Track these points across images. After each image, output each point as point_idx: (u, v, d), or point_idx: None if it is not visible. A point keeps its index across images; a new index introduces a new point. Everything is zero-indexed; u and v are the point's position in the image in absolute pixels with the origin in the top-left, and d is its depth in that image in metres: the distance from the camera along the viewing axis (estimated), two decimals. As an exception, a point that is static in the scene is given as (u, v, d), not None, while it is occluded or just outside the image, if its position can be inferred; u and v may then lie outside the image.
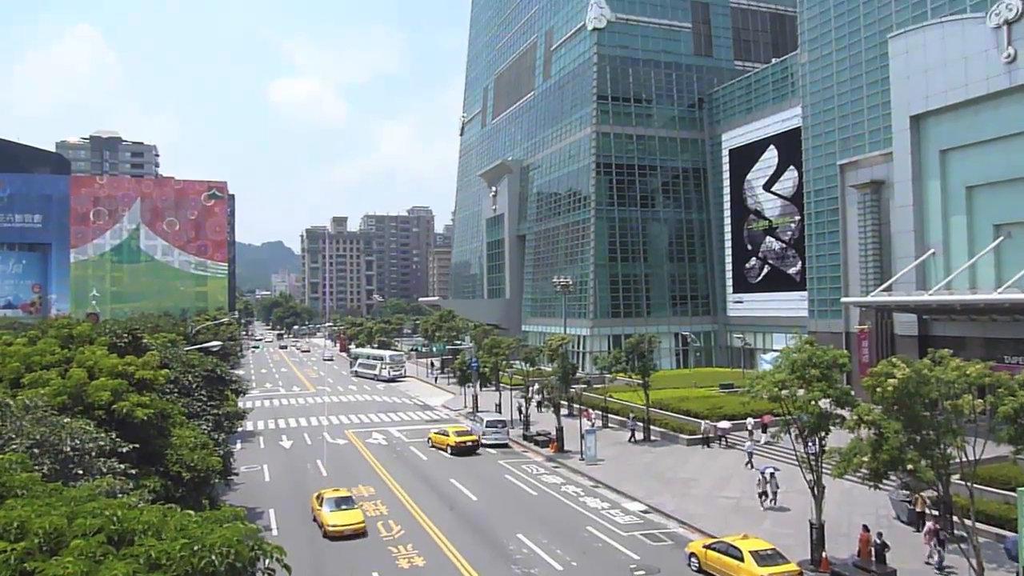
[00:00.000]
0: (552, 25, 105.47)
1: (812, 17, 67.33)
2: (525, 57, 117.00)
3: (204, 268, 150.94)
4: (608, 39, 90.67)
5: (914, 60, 52.87)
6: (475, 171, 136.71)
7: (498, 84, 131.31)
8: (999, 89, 46.91)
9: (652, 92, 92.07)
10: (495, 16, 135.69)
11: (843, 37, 63.65)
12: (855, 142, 62.19)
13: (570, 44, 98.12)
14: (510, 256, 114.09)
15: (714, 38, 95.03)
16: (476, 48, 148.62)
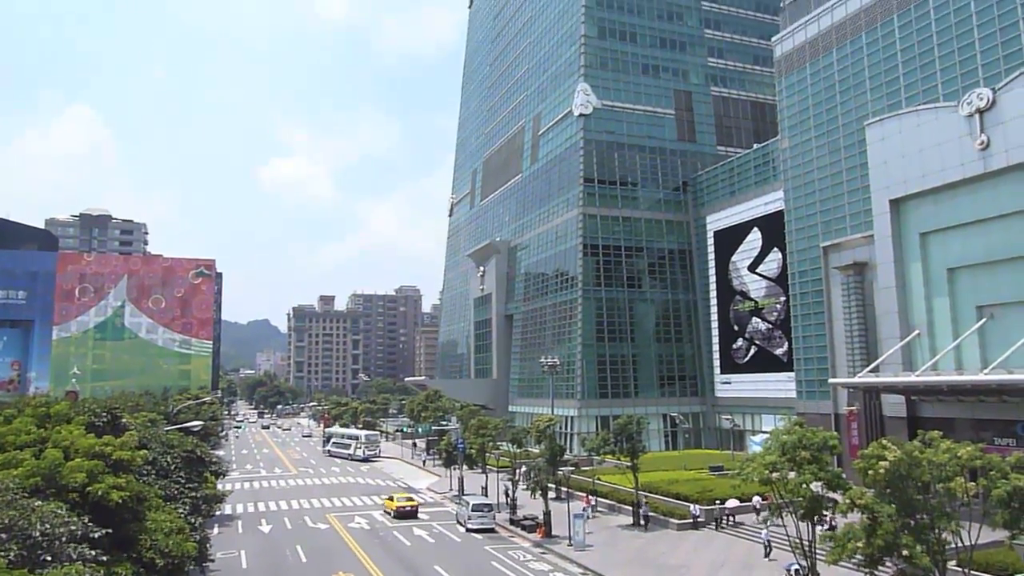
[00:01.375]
0: (540, 111, 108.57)
1: (791, 105, 69.72)
2: (513, 141, 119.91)
3: (188, 346, 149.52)
4: (594, 124, 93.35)
5: (891, 146, 54.55)
6: (463, 251, 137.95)
7: (487, 167, 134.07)
8: (974, 174, 48.31)
9: (638, 175, 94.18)
10: (484, 101, 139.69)
11: (821, 124, 65.78)
12: (837, 225, 63.43)
13: (557, 129, 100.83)
14: (497, 336, 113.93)
15: (697, 124, 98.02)
16: (465, 132, 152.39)
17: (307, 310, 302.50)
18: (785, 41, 70.93)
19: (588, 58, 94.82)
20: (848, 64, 62.85)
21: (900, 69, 57.51)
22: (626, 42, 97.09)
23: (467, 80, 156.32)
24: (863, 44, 61.35)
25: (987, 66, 50.37)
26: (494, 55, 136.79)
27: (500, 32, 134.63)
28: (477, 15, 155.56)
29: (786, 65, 70.65)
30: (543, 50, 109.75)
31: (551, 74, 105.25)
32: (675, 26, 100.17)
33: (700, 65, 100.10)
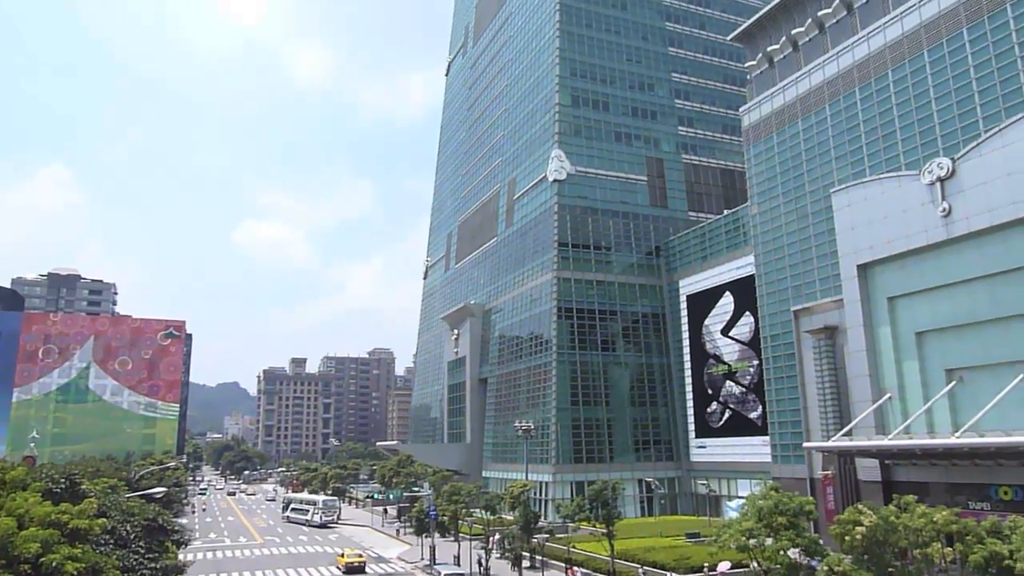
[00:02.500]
0: (515, 176, 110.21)
1: (759, 172, 71.49)
2: (489, 205, 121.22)
3: (154, 409, 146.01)
4: (568, 190, 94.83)
5: (857, 213, 55.94)
6: (438, 314, 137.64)
7: (462, 230, 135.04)
8: (938, 240, 49.57)
9: (611, 240, 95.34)
10: (460, 166, 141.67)
11: (789, 191, 67.39)
12: (807, 289, 64.40)
13: (532, 194, 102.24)
14: (471, 399, 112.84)
15: (669, 190, 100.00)
16: (441, 195, 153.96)
17: (278, 373, 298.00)
18: (752, 112, 73.19)
19: (562, 125, 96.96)
20: (813, 134, 64.87)
21: (863, 139, 59.44)
22: (599, 111, 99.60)
23: (443, 145, 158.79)
24: (827, 115, 63.47)
25: (946, 136, 52.24)
26: (470, 121, 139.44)
27: (476, 99, 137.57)
28: (454, 83, 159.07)
29: (754, 134, 72.74)
30: (518, 117, 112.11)
31: (526, 140, 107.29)
32: (646, 96, 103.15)
33: (671, 133, 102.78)
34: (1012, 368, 46.21)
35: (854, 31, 62.23)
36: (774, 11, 71.86)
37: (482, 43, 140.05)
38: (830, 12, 64.76)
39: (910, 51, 56.22)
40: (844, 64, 62.30)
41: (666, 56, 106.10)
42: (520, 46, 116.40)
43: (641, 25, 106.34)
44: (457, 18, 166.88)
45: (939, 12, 54.18)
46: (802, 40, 68.20)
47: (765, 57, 72.82)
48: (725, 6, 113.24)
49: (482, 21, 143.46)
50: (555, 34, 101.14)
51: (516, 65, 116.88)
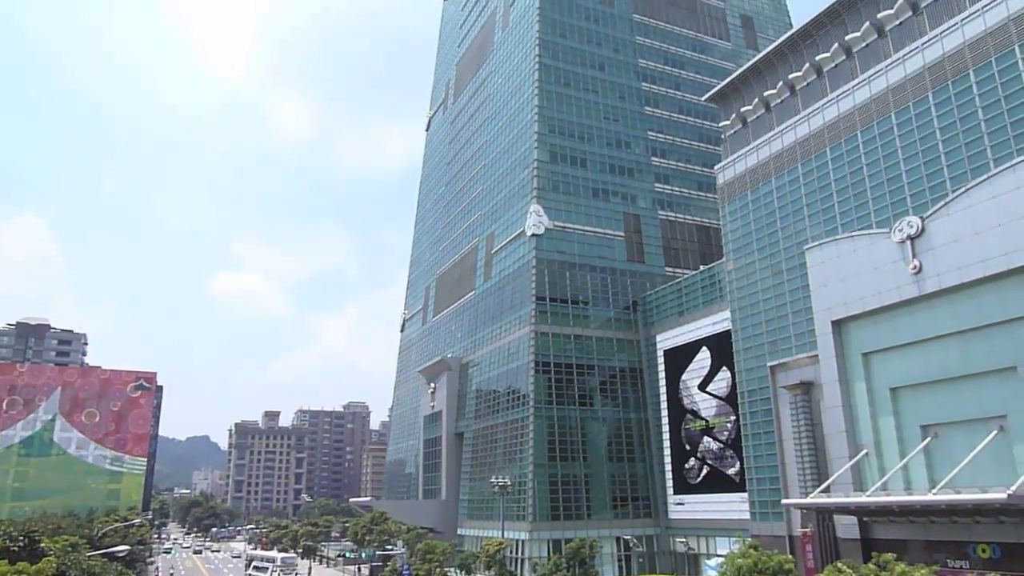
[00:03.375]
0: (493, 230, 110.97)
1: (734, 229, 72.59)
2: (467, 258, 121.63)
3: (120, 463, 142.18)
4: (546, 244, 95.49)
5: (830, 269, 56.81)
6: (414, 367, 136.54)
7: (440, 283, 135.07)
8: (910, 297, 50.35)
9: (589, 294, 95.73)
10: (439, 219, 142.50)
11: (764, 247, 68.40)
12: (783, 344, 64.85)
13: (510, 248, 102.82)
14: (447, 455, 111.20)
15: (646, 246, 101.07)
16: (420, 249, 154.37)
17: (250, 426, 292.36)
18: (727, 170, 74.73)
19: (541, 181, 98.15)
20: (787, 192, 66.23)
21: (835, 197, 60.75)
22: (577, 167, 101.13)
23: (422, 199, 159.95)
24: (799, 174, 64.93)
25: (915, 195, 53.58)
26: (449, 175, 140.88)
27: (456, 154, 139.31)
28: (434, 138, 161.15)
29: (728, 192, 74.11)
30: (497, 172, 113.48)
31: (505, 195, 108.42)
32: (623, 153, 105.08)
33: (648, 190, 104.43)
34: (985, 424, 46.57)
35: (824, 94, 64.20)
36: (746, 74, 74.06)
37: (462, 99, 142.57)
38: (800, 75, 66.87)
39: (878, 113, 58.01)
40: (815, 125, 64.06)
41: (642, 115, 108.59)
42: (500, 103, 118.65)
43: (618, 85, 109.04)
44: (438, 74, 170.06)
45: (905, 77, 56.17)
46: (774, 101, 70.18)
47: (739, 117, 74.72)
48: (699, 68, 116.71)
49: (463, 78, 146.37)
50: (534, 92, 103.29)
51: (496, 121, 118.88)
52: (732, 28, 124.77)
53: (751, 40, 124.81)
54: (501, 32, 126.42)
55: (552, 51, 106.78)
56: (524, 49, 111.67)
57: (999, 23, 49.91)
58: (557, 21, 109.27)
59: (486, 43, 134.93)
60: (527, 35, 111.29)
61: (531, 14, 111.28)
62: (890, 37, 58.81)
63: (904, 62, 56.43)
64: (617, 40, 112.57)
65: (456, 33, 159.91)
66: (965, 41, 52.16)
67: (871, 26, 60.30)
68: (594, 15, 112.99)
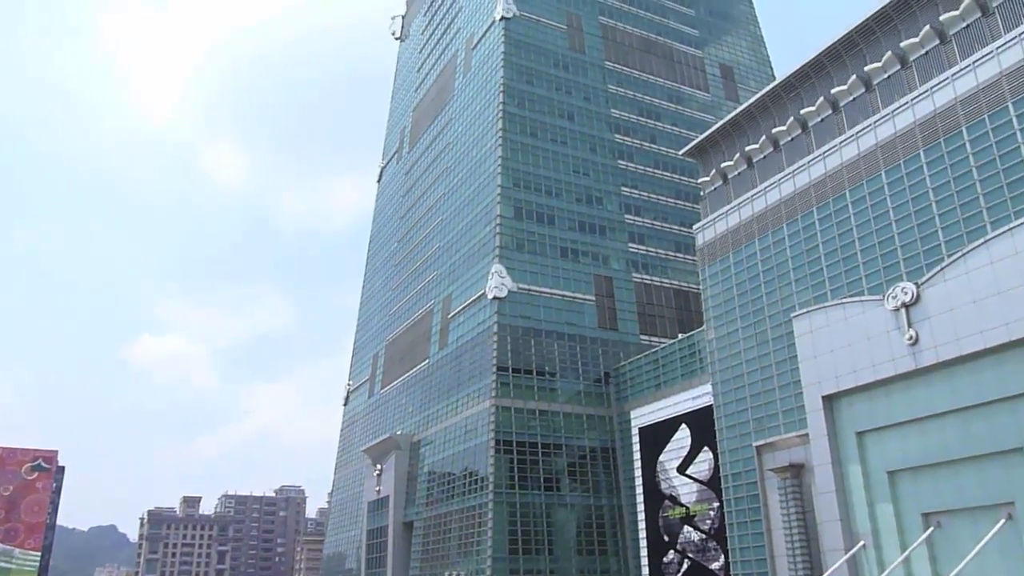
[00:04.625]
0: (451, 292, 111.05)
1: (715, 295, 73.67)
2: (421, 323, 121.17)
3: (9, 558, 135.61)
4: (509, 309, 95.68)
5: (820, 340, 57.69)
6: (358, 446, 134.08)
7: (389, 351, 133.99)
8: (906, 371, 51.19)
9: (556, 365, 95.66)
10: (390, 280, 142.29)
11: (748, 315, 69.39)
12: (770, 422, 65.18)
13: (469, 312, 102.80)
14: (394, 546, 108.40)
15: (619, 312, 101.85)
16: (368, 312, 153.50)
17: (165, 514, 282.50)
18: (706, 230, 76.25)
19: (504, 239, 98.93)
20: (771, 254, 67.63)
21: (823, 261, 62.16)
22: (544, 224, 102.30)
23: (372, 256, 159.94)
24: (785, 235, 66.48)
25: (909, 260, 55.03)
26: (403, 231, 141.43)
27: (410, 208, 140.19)
28: (386, 189, 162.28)
29: (708, 253, 75.46)
30: (456, 229, 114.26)
31: (464, 254, 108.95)
32: (595, 210, 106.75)
33: (621, 251, 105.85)
34: (990, 512, 46.94)
35: (809, 150, 66.36)
36: (727, 127, 76.36)
37: (419, 149, 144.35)
38: (784, 130, 69.17)
39: (868, 171, 60.00)
40: (801, 183, 65.96)
41: (615, 169, 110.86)
42: (460, 153, 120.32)
43: (589, 136, 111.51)
44: (392, 121, 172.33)
45: (895, 134, 58.41)
46: (756, 157, 72.28)
47: (719, 173, 76.69)
48: (676, 120, 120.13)
49: (419, 126, 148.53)
50: (498, 142, 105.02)
51: (455, 173, 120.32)
52: (711, 78, 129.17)
53: (731, 91, 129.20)
54: (462, 77, 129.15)
55: (517, 98, 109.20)
56: (487, 96, 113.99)
57: (991, 79, 52.38)
58: (523, 67, 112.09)
59: (445, 88, 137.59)
60: (490, 81, 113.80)
61: (495, 58, 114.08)
62: (878, 91, 61.34)
63: (894, 117, 58.74)
64: (588, 88, 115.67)
65: (413, 77, 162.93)
66: (957, 97, 54.55)
67: (858, 79, 62.89)
68: (563, 61, 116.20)
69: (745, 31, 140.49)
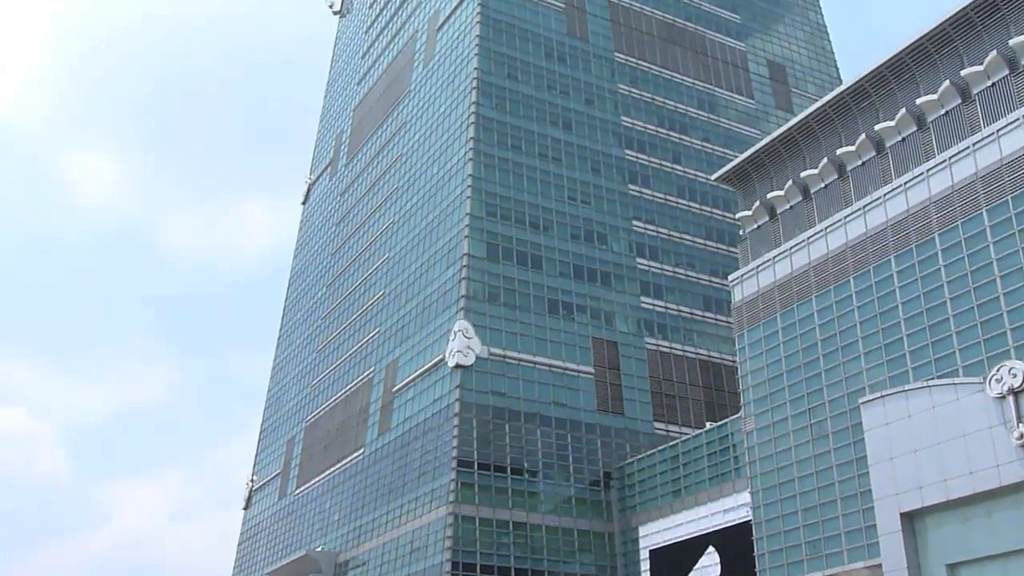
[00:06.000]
0: (397, 356, 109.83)
1: (756, 370, 73.14)
2: (354, 399, 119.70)
3: None
4: (477, 381, 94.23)
5: (898, 435, 57.17)
6: (262, 567, 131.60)
7: (310, 436, 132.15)
8: (1015, 481, 50.65)
9: (538, 461, 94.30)
10: (314, 338, 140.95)
11: (801, 398, 68.77)
12: (830, 547, 64.23)
13: (421, 384, 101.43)
14: None
15: (625, 389, 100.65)
16: (282, 382, 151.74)
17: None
18: (746, 281, 76.09)
19: (472, 286, 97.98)
20: (833, 317, 67.28)
21: (903, 328, 61.81)
22: (527, 268, 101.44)
23: (291, 305, 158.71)
24: (852, 292, 66.25)
25: (1020, 331, 54.61)
26: (334, 273, 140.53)
27: (346, 242, 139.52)
28: (314, 215, 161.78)
29: (748, 314, 75.19)
30: (407, 271, 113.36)
31: (416, 305, 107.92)
32: (596, 251, 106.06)
33: (630, 306, 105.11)
34: None
35: (886, 179, 66.49)
36: (777, 145, 76.72)
37: (360, 160, 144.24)
38: (853, 151, 69.41)
39: (964, 210, 59.80)
40: (874, 222, 65.91)
41: (625, 196, 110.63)
42: (417, 169, 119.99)
43: (591, 152, 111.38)
44: (325, 124, 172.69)
45: (1001, 160, 58.25)
46: (816, 185, 72.47)
47: (764, 206, 76.81)
48: (708, 133, 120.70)
49: (362, 131, 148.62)
50: (467, 156, 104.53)
51: (408, 196, 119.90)
52: (756, 80, 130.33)
53: (783, 97, 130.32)
54: (422, 67, 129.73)
55: (496, 98, 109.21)
56: (455, 93, 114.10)
57: None
58: (505, 56, 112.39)
59: (399, 82, 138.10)
60: (460, 74, 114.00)
61: (466, 44, 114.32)
62: (978, 102, 61.69)
63: (999, 139, 58.76)
64: (591, 88, 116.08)
65: (355, 65, 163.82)
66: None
67: (952, 87, 63.25)
68: (558, 50, 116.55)
69: (802, 18, 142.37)
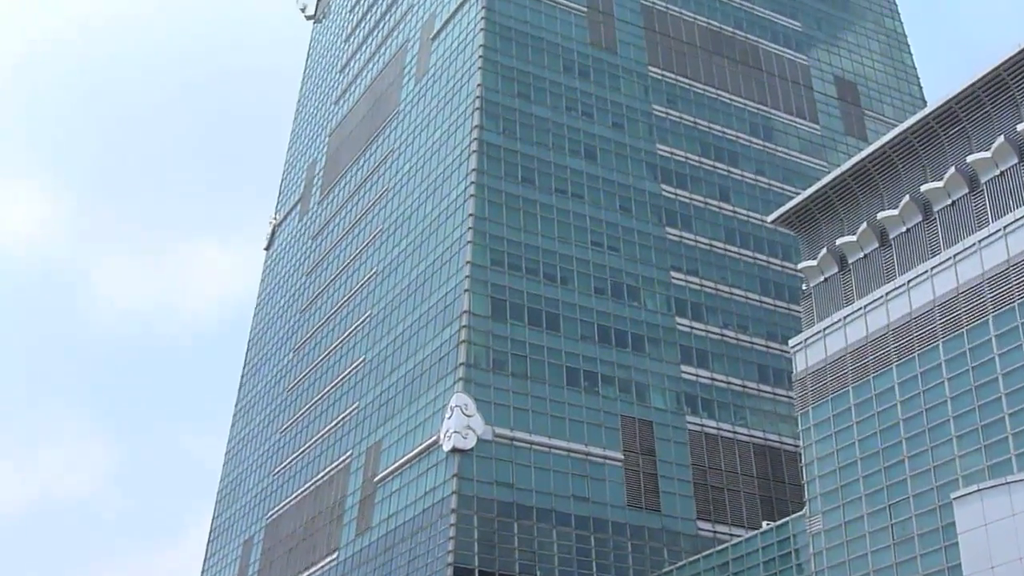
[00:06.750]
0: (380, 438, 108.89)
1: (825, 456, 72.86)
2: (326, 491, 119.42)
3: None
4: (479, 470, 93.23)
5: (999, 539, 57.15)
6: None
7: (272, 537, 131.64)
8: None
9: (554, 569, 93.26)
10: (277, 414, 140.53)
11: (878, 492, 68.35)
12: (915, 678, 64.18)
13: (410, 473, 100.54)
14: None
15: (662, 480, 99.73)
16: (238, 469, 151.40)
17: None
18: (811, 347, 76.27)
19: (473, 351, 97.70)
20: (919, 392, 67.13)
21: (1005, 404, 61.56)
22: (540, 329, 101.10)
23: (250, 373, 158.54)
24: (941, 360, 66.23)
25: None
26: (304, 334, 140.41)
27: (319, 295, 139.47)
28: (280, 262, 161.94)
29: (814, 387, 75.27)
30: (393, 332, 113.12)
31: (405, 375, 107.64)
32: (626, 308, 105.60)
33: (668, 377, 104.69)
34: None
35: (982, 221, 66.74)
36: (848, 180, 77.02)
37: (337, 196, 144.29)
38: (941, 187, 69.61)
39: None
40: (967, 275, 65.74)
41: (662, 242, 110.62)
42: (406, 206, 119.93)
43: (620, 187, 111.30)
44: (295, 152, 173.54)
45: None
46: (896, 229, 72.69)
47: (832, 254, 77.09)
48: (762, 164, 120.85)
49: (339, 160, 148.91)
50: (468, 192, 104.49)
51: (396, 240, 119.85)
52: (822, 101, 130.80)
53: (854, 122, 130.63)
54: (413, 84, 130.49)
55: (503, 121, 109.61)
56: (453, 115, 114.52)
57: None
58: (514, 71, 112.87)
59: (385, 101, 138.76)
60: (460, 92, 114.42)
61: (468, 55, 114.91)
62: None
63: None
64: (620, 109, 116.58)
65: (332, 81, 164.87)
66: None
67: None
68: (580, 64, 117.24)
69: (876, 25, 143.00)
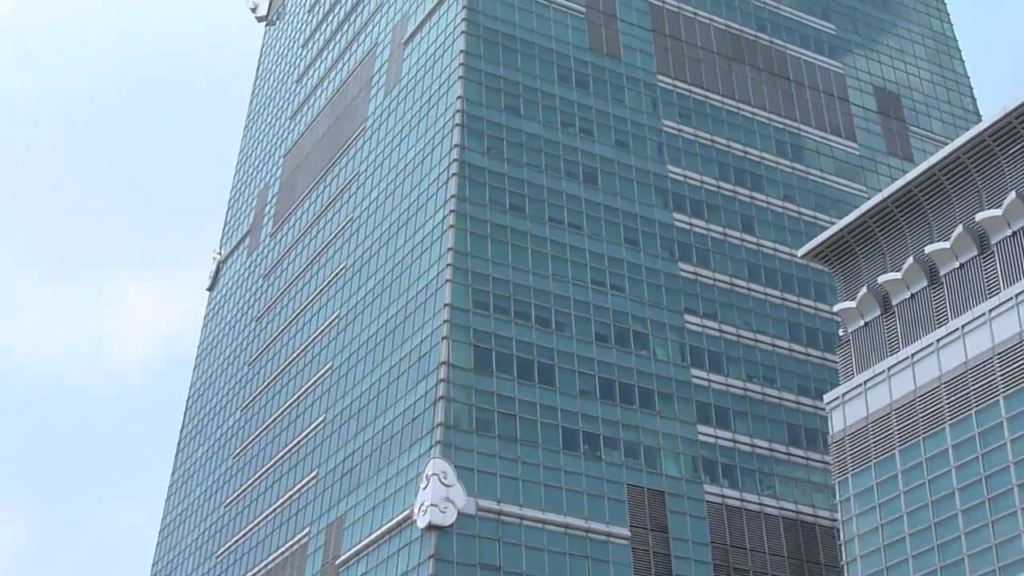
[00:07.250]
0: (343, 512, 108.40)
1: (867, 533, 72.64)
2: (281, 570, 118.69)
3: None
4: (459, 550, 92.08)
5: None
6: None
7: None
8: None
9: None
10: (220, 487, 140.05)
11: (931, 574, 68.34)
12: None
13: (379, 554, 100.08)
14: None
15: (675, 559, 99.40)
16: (175, 547, 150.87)
17: None
18: (850, 403, 75.75)
19: (453, 410, 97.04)
20: (976, 456, 66.81)
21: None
22: (531, 383, 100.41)
23: (189, 438, 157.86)
24: (1003, 418, 65.80)
25: None
26: (252, 389, 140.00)
27: (271, 343, 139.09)
28: (224, 306, 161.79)
29: (853, 450, 74.79)
30: (358, 387, 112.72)
31: (372, 437, 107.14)
32: (632, 359, 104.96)
33: (682, 439, 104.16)
34: None
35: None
36: (891, 207, 76.73)
37: (293, 227, 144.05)
38: (1000, 215, 69.30)
39: None
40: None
41: (674, 279, 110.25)
42: (374, 239, 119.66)
43: (625, 215, 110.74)
44: (242, 176, 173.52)
45: None
46: (948, 264, 72.35)
47: (874, 294, 76.74)
48: (791, 189, 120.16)
49: (296, 185, 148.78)
50: (448, 221, 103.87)
51: (362, 277, 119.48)
52: (860, 114, 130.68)
53: (897, 139, 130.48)
54: (383, 96, 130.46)
55: (488, 139, 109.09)
56: (429, 132, 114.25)
57: None
58: (500, 80, 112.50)
59: (350, 116, 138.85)
60: (437, 105, 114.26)
61: (446, 63, 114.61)
62: None
63: None
64: (624, 125, 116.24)
65: (288, 93, 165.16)
66: None
67: None
68: (577, 72, 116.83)
69: (922, 28, 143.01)
